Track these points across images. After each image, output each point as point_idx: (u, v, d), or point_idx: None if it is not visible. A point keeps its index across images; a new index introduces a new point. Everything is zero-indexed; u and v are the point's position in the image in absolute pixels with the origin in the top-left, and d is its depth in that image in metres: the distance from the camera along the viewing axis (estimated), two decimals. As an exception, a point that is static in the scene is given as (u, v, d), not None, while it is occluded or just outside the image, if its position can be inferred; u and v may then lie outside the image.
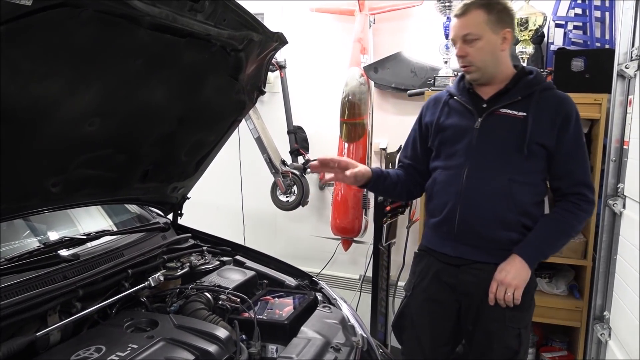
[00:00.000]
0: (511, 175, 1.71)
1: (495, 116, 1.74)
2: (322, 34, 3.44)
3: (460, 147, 1.77)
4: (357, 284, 3.41)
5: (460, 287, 1.79)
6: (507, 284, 1.68)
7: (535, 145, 1.69)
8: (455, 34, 1.74)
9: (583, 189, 1.72)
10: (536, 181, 1.75)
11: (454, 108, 1.83)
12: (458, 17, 1.73)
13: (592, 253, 2.52)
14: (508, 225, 1.72)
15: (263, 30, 1.62)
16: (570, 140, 1.71)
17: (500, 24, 1.72)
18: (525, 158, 1.70)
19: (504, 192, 1.71)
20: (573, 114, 1.72)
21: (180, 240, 2.04)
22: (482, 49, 1.71)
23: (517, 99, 1.73)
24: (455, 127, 1.80)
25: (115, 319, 1.47)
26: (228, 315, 1.56)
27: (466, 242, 1.77)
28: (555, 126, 1.70)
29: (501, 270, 1.70)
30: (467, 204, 1.74)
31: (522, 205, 1.72)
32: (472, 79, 1.77)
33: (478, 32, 1.69)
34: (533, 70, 1.81)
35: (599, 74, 2.45)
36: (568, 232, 1.75)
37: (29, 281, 1.38)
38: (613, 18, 2.72)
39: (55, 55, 1.15)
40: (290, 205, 3.33)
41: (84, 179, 1.60)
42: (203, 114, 1.81)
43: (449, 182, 1.78)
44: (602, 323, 2.32)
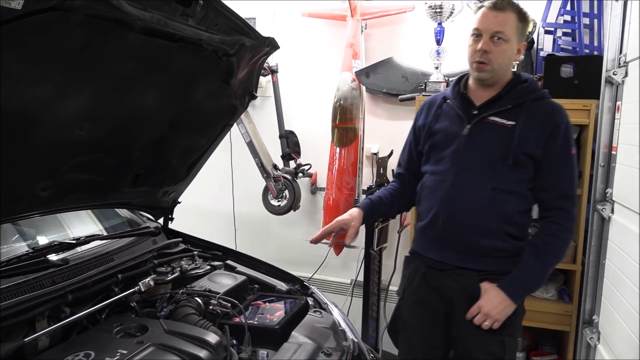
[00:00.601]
0: (495, 184, 1.69)
1: (484, 124, 1.72)
2: (314, 39, 3.45)
3: (448, 153, 1.76)
4: (349, 289, 3.41)
5: (444, 291, 1.79)
6: (489, 316, 1.66)
7: (522, 155, 1.67)
8: (486, 27, 1.65)
9: (566, 204, 1.69)
10: (522, 191, 1.72)
11: (446, 112, 1.82)
12: (495, 10, 1.65)
13: (581, 257, 2.54)
14: (491, 234, 1.71)
15: (255, 35, 1.63)
16: (558, 151, 1.68)
17: (522, 36, 1.72)
18: (510, 167, 1.68)
19: (486, 200, 1.69)
20: (562, 125, 1.69)
21: (170, 244, 2.03)
22: (504, 52, 1.67)
23: (507, 107, 1.70)
24: (444, 132, 1.79)
25: (104, 324, 1.46)
26: (219, 320, 1.56)
27: (449, 248, 1.77)
28: (544, 136, 1.67)
29: (487, 300, 1.67)
30: (450, 210, 1.74)
31: (506, 214, 1.70)
32: (481, 77, 1.72)
33: (509, 35, 1.65)
34: (528, 78, 1.78)
35: (587, 80, 2.47)
36: (555, 261, 1.73)
37: (17, 286, 1.37)
38: (601, 25, 2.75)
39: (45, 59, 1.14)
40: (281, 209, 3.33)
41: (74, 183, 1.60)
42: (194, 118, 1.81)
43: (435, 188, 1.78)
44: (592, 327, 2.33)
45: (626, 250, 1.98)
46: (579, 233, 2.53)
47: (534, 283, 1.75)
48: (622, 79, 2.18)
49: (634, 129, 1.98)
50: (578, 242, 2.55)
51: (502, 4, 1.66)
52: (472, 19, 1.72)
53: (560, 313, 2.60)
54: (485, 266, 1.73)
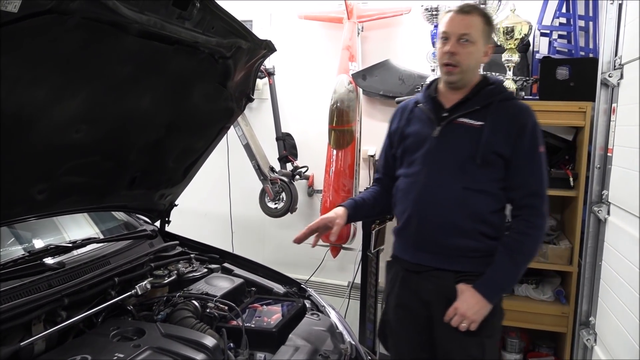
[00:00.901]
0: (466, 184, 1.71)
1: (454, 125, 1.75)
2: (310, 42, 3.45)
3: (419, 155, 1.78)
4: (346, 291, 3.41)
5: (422, 294, 1.80)
6: (465, 317, 1.67)
7: (491, 155, 1.70)
8: (453, 30, 1.70)
9: (535, 201, 1.72)
10: (493, 190, 1.74)
11: (417, 116, 1.86)
12: (461, 14, 1.71)
13: (577, 259, 2.54)
14: (464, 233, 1.73)
15: (251, 38, 1.63)
16: (525, 150, 1.70)
17: (489, 39, 1.76)
18: (479, 167, 1.71)
19: (458, 200, 1.71)
20: (529, 124, 1.72)
21: (167, 247, 2.03)
22: (471, 54, 1.71)
23: (475, 108, 1.74)
24: (416, 135, 1.82)
25: (101, 328, 1.46)
26: (216, 323, 1.56)
27: (424, 249, 1.78)
28: (512, 136, 1.70)
29: (463, 301, 1.68)
30: (423, 211, 1.76)
31: (478, 214, 1.72)
32: (450, 80, 1.76)
33: (475, 37, 1.70)
34: (495, 80, 1.83)
35: (583, 83, 2.48)
36: (527, 260, 1.75)
37: (13, 290, 1.36)
38: (597, 28, 2.77)
39: (42, 61, 1.14)
40: (278, 212, 3.33)
41: (70, 186, 1.59)
42: (191, 121, 1.81)
43: (407, 190, 1.80)
44: (588, 328, 2.34)
45: (622, 252, 1.99)
46: (576, 235, 2.54)
47: (508, 282, 1.77)
48: (618, 81, 2.19)
49: (629, 131, 1.99)
50: (574, 243, 2.56)
51: (468, 8, 1.72)
52: (440, 23, 1.77)
53: (557, 314, 2.61)
54: (461, 267, 1.74)
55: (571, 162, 2.67)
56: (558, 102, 2.53)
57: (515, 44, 2.60)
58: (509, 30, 2.57)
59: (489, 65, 2.75)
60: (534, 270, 2.74)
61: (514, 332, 2.81)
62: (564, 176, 2.58)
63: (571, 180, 2.56)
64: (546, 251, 2.61)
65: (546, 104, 2.55)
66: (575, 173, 2.57)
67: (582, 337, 2.35)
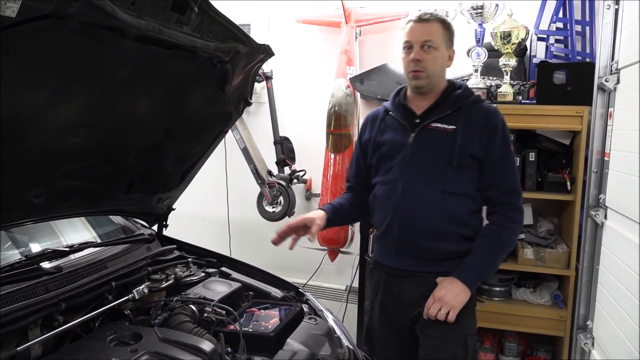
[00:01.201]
0: (444, 187, 1.75)
1: (427, 130, 1.79)
2: (308, 46, 3.46)
3: (396, 163, 1.82)
4: (344, 295, 3.40)
5: (406, 296, 1.82)
6: (445, 303, 1.68)
7: (466, 157, 1.74)
8: (415, 38, 1.76)
9: (511, 198, 1.78)
10: (470, 192, 1.79)
11: (390, 124, 1.89)
12: (421, 22, 1.77)
13: (575, 263, 2.55)
14: (445, 236, 1.76)
15: (249, 42, 1.63)
16: (498, 150, 1.75)
17: (450, 43, 1.82)
18: (456, 170, 1.75)
19: (437, 204, 1.75)
20: (499, 125, 1.78)
21: (165, 251, 2.02)
22: (436, 60, 1.77)
23: (446, 113, 1.78)
24: (390, 143, 1.85)
25: (98, 333, 1.45)
26: (213, 327, 1.55)
27: (406, 254, 1.81)
28: (484, 137, 1.75)
29: (441, 288, 1.71)
30: (403, 217, 1.78)
31: (457, 216, 1.76)
32: (418, 85, 1.80)
33: (437, 43, 1.76)
34: (462, 85, 1.87)
35: (580, 87, 2.49)
36: (504, 249, 1.80)
37: (9, 294, 1.36)
38: (593, 32, 2.78)
39: (39, 66, 1.14)
40: (276, 215, 3.32)
41: (67, 190, 1.59)
42: (189, 125, 1.81)
43: (386, 197, 1.83)
44: (586, 332, 2.34)
45: (619, 256, 1.99)
46: (573, 238, 2.55)
47: (486, 269, 1.80)
48: (614, 86, 2.20)
49: (626, 135, 2.00)
50: (572, 247, 2.56)
51: (427, 16, 1.78)
52: (402, 34, 1.82)
53: (555, 318, 2.61)
54: (443, 268, 1.77)
55: (568, 166, 2.67)
56: (555, 107, 2.54)
57: (512, 49, 2.61)
58: (506, 35, 2.59)
59: (486, 69, 2.77)
60: (532, 274, 2.75)
61: (512, 336, 2.81)
62: (561, 180, 2.59)
63: (568, 184, 2.57)
64: (544, 255, 2.61)
65: (543, 108, 2.56)
66: (573, 177, 2.58)
67: (580, 341, 2.35)
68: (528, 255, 2.63)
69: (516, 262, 2.67)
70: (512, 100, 2.62)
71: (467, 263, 1.74)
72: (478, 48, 2.68)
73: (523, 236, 2.71)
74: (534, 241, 2.70)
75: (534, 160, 2.65)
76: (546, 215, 2.88)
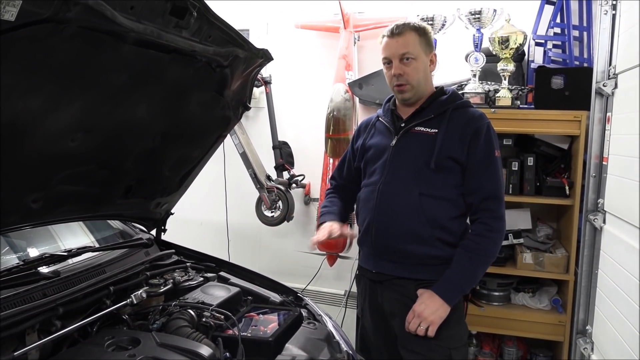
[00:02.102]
0: (422, 190, 1.74)
1: (410, 134, 1.81)
2: (307, 51, 3.46)
3: (378, 165, 1.84)
4: (342, 300, 3.39)
5: (386, 305, 1.82)
6: (423, 318, 1.67)
7: (446, 160, 1.74)
8: (392, 53, 1.78)
9: (492, 204, 1.74)
10: (451, 196, 1.76)
11: (378, 129, 1.92)
12: (394, 37, 1.77)
13: (574, 267, 2.55)
14: (422, 240, 1.74)
15: (248, 46, 1.63)
16: (480, 154, 1.74)
17: (429, 47, 1.82)
18: (434, 172, 1.74)
19: (414, 206, 1.74)
20: (483, 129, 1.76)
21: (163, 256, 2.02)
22: (417, 69, 1.77)
23: (430, 116, 1.79)
24: (376, 147, 1.88)
25: (96, 338, 1.44)
26: (212, 332, 1.55)
27: (384, 257, 1.81)
28: (466, 141, 1.74)
29: (420, 302, 1.70)
30: (380, 219, 1.79)
31: (436, 220, 1.74)
32: (404, 98, 1.82)
33: (415, 53, 1.76)
34: (449, 90, 1.87)
35: (578, 92, 2.50)
36: (485, 260, 1.76)
37: (7, 299, 1.35)
38: (591, 37, 2.79)
39: (38, 70, 1.14)
40: (275, 220, 3.32)
41: (65, 195, 1.58)
42: (187, 129, 1.80)
43: (367, 199, 1.84)
44: (585, 337, 2.34)
45: (618, 260, 1.99)
46: (572, 243, 2.55)
47: (466, 283, 1.75)
48: (612, 91, 2.21)
49: (624, 140, 2.00)
50: (571, 252, 2.56)
51: (399, 29, 1.78)
52: (380, 49, 1.83)
53: (554, 323, 2.61)
54: (422, 275, 1.76)
55: (567, 171, 2.68)
56: (553, 111, 2.54)
57: (510, 54, 2.62)
58: (504, 40, 2.59)
59: (484, 74, 2.78)
60: (531, 279, 2.75)
61: (511, 341, 2.80)
62: (560, 185, 2.60)
63: (567, 189, 2.57)
64: (542, 260, 2.61)
65: (541, 113, 2.56)
66: (571, 182, 2.58)
67: (579, 345, 2.35)
68: (527, 260, 2.63)
69: (515, 266, 2.67)
70: (510, 105, 2.63)
71: (447, 277, 1.71)
72: (476, 53, 2.68)
73: (522, 241, 2.71)
74: (532, 246, 2.70)
75: (532, 165, 2.66)
76: (545, 219, 2.88)
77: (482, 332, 2.82)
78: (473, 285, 1.80)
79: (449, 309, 1.69)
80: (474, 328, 2.74)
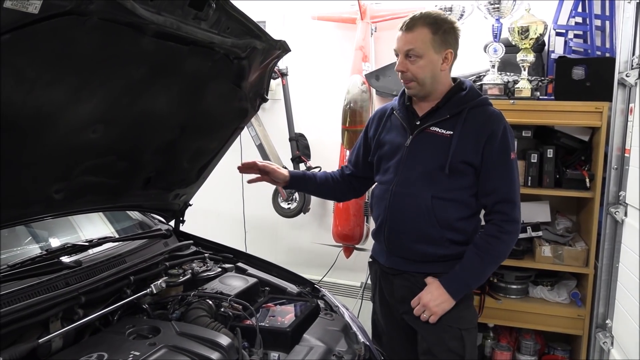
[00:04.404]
0: (435, 193, 1.74)
1: (425, 134, 1.79)
2: (323, 42, 3.45)
3: (393, 163, 1.83)
4: (359, 292, 3.40)
5: (397, 292, 1.85)
6: (428, 308, 1.73)
7: (460, 164, 1.72)
8: (399, 47, 1.76)
9: (506, 207, 1.73)
10: (463, 198, 1.76)
11: (394, 124, 1.90)
12: (405, 31, 1.74)
13: (594, 261, 2.52)
14: (432, 241, 1.76)
15: (266, 38, 1.63)
16: (495, 157, 1.72)
17: (443, 45, 1.75)
18: (448, 176, 1.73)
19: (426, 208, 1.74)
20: (499, 131, 1.73)
21: (182, 247, 2.04)
22: (422, 67, 1.73)
23: (445, 117, 1.76)
24: (391, 144, 1.87)
25: (117, 326, 1.47)
26: (230, 322, 1.56)
27: (396, 254, 1.84)
28: (481, 143, 1.71)
29: (427, 292, 1.74)
30: (393, 219, 1.80)
31: (447, 222, 1.75)
32: (411, 93, 1.81)
33: (421, 51, 1.72)
34: (467, 86, 1.82)
35: (599, 82, 2.45)
36: (495, 261, 1.78)
37: (31, 288, 1.38)
38: (613, 27, 2.73)
39: (59, 62, 1.15)
40: (291, 212, 3.33)
41: (86, 186, 1.61)
42: (205, 121, 1.81)
43: (381, 197, 1.85)
44: (605, 331, 2.31)
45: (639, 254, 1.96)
46: (592, 236, 2.51)
47: (473, 280, 1.79)
48: (635, 81, 2.16)
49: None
50: (590, 245, 2.53)
51: (411, 23, 1.73)
52: None
53: (573, 317, 2.58)
54: (432, 270, 1.79)
55: (587, 163, 2.64)
56: (574, 102, 2.50)
57: (530, 44, 2.58)
58: (523, 30, 2.55)
59: (503, 65, 2.74)
60: (550, 272, 2.72)
61: (529, 334, 2.78)
62: (580, 177, 2.56)
63: (587, 181, 2.53)
64: (562, 253, 2.58)
65: (562, 104, 2.52)
66: (592, 174, 2.54)
67: (599, 340, 2.32)
68: (546, 253, 2.60)
69: (533, 259, 2.64)
70: (530, 96, 2.59)
71: (456, 273, 1.74)
72: (495, 44, 2.65)
73: (541, 234, 2.68)
74: (551, 239, 2.67)
75: (552, 157, 2.62)
76: (564, 212, 2.85)
77: (500, 325, 2.80)
78: (480, 283, 1.84)
79: (454, 303, 1.74)
80: (491, 321, 2.72)
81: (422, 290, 1.76)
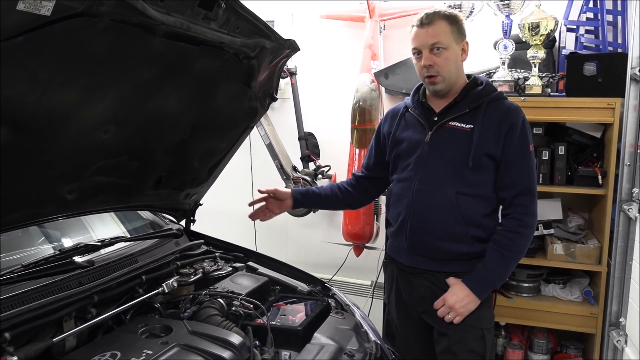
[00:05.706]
0: (459, 188, 1.73)
1: (445, 129, 1.77)
2: (332, 41, 3.45)
3: (412, 160, 1.81)
4: (369, 290, 3.40)
5: (416, 292, 1.83)
6: (454, 310, 1.71)
7: (483, 157, 1.71)
8: (422, 43, 1.73)
9: (525, 200, 1.72)
10: (486, 193, 1.75)
11: (409, 121, 1.88)
12: (424, 26, 1.73)
13: (606, 258, 2.49)
14: (457, 238, 1.74)
15: (275, 37, 1.64)
16: (515, 149, 1.71)
17: (460, 36, 1.77)
18: (472, 171, 1.72)
19: (450, 205, 1.72)
20: (518, 124, 1.72)
21: (193, 246, 2.05)
22: (448, 59, 1.73)
23: (465, 111, 1.75)
24: (409, 141, 1.84)
25: (129, 325, 1.48)
26: (241, 321, 1.57)
27: (418, 253, 1.81)
28: (501, 136, 1.71)
29: (452, 294, 1.72)
30: (416, 216, 1.78)
31: (471, 218, 1.73)
32: (436, 89, 1.78)
33: (446, 42, 1.72)
34: (483, 81, 1.82)
35: (611, 78, 2.43)
36: (516, 257, 1.76)
37: (45, 287, 1.40)
38: (625, 22, 2.70)
39: (71, 64, 1.17)
40: (301, 211, 3.33)
41: (98, 186, 1.62)
42: (215, 121, 1.82)
43: (401, 195, 1.83)
44: (618, 329, 2.29)
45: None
46: (605, 233, 2.49)
47: (497, 278, 1.77)
48: (648, 76, 2.14)
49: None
50: (603, 243, 2.51)
51: (428, 18, 1.73)
52: (409, 39, 1.79)
53: (586, 315, 2.56)
54: (453, 269, 1.77)
55: (599, 160, 2.61)
56: (586, 99, 2.48)
57: (540, 40, 2.56)
58: (534, 26, 2.53)
59: (514, 62, 2.72)
60: (562, 270, 2.70)
61: (541, 333, 2.76)
62: (592, 174, 2.53)
63: (599, 178, 2.51)
64: (574, 250, 2.56)
65: (573, 100, 2.50)
66: (604, 171, 2.52)
67: (612, 338, 2.30)
68: (558, 251, 2.58)
69: (545, 257, 2.62)
70: (541, 93, 2.57)
71: (479, 272, 1.73)
72: (505, 40, 2.63)
73: (552, 231, 2.66)
74: (563, 236, 2.65)
75: (563, 154, 2.59)
76: (576, 210, 2.82)
77: (512, 324, 2.79)
78: (504, 281, 1.82)
79: (479, 302, 1.72)
80: (503, 319, 2.71)
81: (442, 291, 1.74)
